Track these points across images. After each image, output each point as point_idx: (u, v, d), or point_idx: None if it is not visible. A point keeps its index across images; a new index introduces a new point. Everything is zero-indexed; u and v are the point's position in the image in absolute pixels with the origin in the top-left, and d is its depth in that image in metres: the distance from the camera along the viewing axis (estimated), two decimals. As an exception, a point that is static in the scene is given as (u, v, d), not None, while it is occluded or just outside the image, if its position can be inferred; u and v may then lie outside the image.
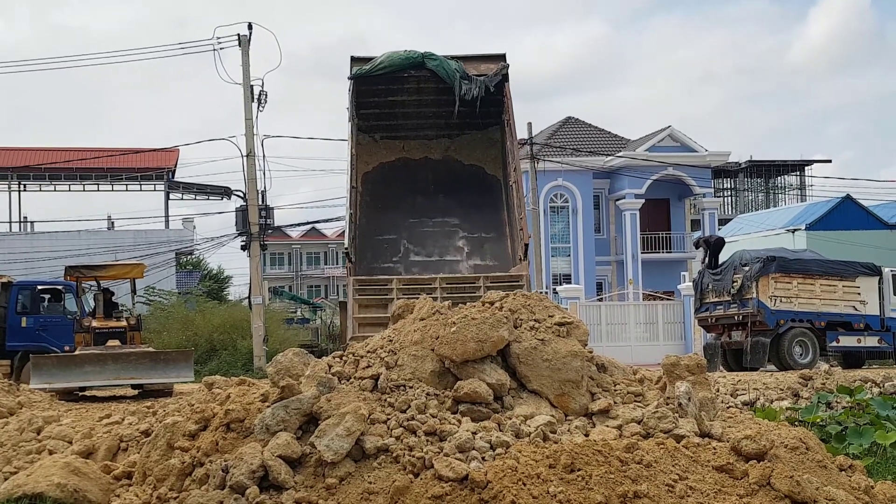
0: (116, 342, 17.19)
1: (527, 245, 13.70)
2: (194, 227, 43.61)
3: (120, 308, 19.91)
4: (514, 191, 14.66)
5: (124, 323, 18.36)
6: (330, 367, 8.52)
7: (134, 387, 16.73)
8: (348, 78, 15.54)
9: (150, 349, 17.85)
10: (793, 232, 44.66)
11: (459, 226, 15.32)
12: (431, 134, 15.97)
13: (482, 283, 12.90)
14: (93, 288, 24.05)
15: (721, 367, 22.83)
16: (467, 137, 15.88)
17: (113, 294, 23.09)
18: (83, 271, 18.42)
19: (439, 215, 15.36)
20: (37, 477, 8.08)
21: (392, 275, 14.31)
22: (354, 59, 15.66)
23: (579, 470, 6.56)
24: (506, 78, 15.43)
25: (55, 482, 7.86)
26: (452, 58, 15.49)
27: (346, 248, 14.19)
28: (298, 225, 58.48)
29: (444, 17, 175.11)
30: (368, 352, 8.61)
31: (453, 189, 15.66)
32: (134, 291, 19.07)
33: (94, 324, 17.66)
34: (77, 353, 16.23)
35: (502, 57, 15.89)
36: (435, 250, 15.07)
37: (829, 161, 74.30)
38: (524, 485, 6.38)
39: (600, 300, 38.00)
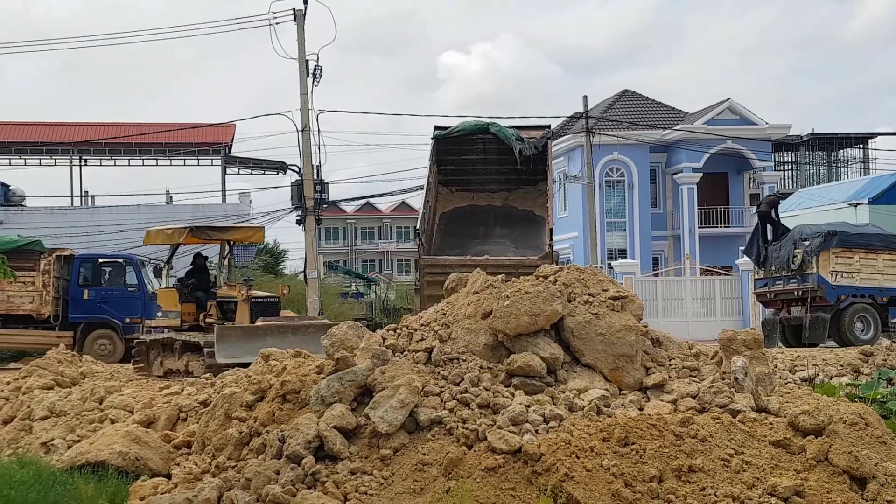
0: (291, 313, 16.92)
1: (551, 229, 17.42)
2: (250, 202, 43.87)
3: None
4: (547, 199, 18.65)
5: (278, 293, 18.23)
6: (384, 339, 8.58)
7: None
8: (431, 138, 19.77)
9: (327, 321, 17.56)
10: (855, 206, 43.73)
11: (511, 246, 18.56)
12: (495, 188, 19.84)
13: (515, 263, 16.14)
14: (152, 261, 24.43)
15: (780, 343, 22.51)
16: (522, 191, 19.74)
17: (172, 267, 23.36)
18: (209, 233, 18.38)
19: (496, 238, 19.02)
20: (99, 445, 8.27)
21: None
22: (437, 127, 20.04)
23: (633, 444, 6.53)
24: (549, 140, 19.85)
25: (117, 450, 8.04)
26: (510, 127, 20.01)
27: (418, 228, 17.74)
28: (353, 199, 58.58)
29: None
30: (422, 325, 8.65)
31: (508, 224, 19.37)
32: (231, 256, 18.86)
33: (252, 293, 17.15)
34: (259, 324, 15.59)
35: (547, 126, 20.84)
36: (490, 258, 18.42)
37: (895, 133, 72.32)
38: (577, 458, 6.38)
39: (656, 275, 37.65)
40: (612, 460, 6.36)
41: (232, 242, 18.70)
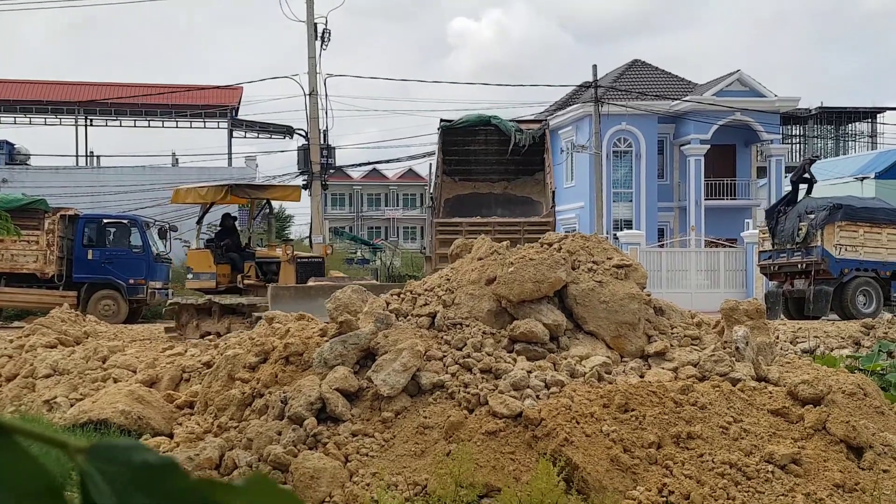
0: (340, 273, 17.06)
1: (554, 191, 19.07)
2: (256, 166, 43.80)
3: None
4: (546, 166, 20.28)
5: (322, 253, 18.75)
6: (388, 304, 8.61)
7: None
8: (437, 129, 21.34)
9: (375, 282, 17.77)
10: (861, 180, 43.64)
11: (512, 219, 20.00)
12: (495, 178, 21.46)
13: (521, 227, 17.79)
14: (157, 223, 24.49)
15: (782, 316, 22.57)
16: (521, 180, 21.37)
17: (176, 230, 23.41)
18: (248, 191, 18.47)
19: (497, 215, 20.38)
20: (102, 404, 8.33)
21: None
22: (442, 119, 21.60)
23: (633, 410, 6.57)
24: (545, 131, 21.36)
25: (120, 409, 8.10)
26: (510, 120, 21.74)
27: (431, 192, 19.50)
28: (360, 165, 58.45)
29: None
30: (426, 290, 8.67)
31: (509, 206, 20.88)
32: (272, 215, 19.07)
33: (297, 254, 17.34)
34: (311, 284, 15.58)
35: (545, 120, 23.39)
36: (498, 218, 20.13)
37: (904, 108, 71.43)
38: (577, 423, 6.42)
39: (661, 246, 37.64)
40: (611, 426, 6.40)
41: (270, 202, 18.88)
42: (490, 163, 21.53)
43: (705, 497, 5.81)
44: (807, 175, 23.73)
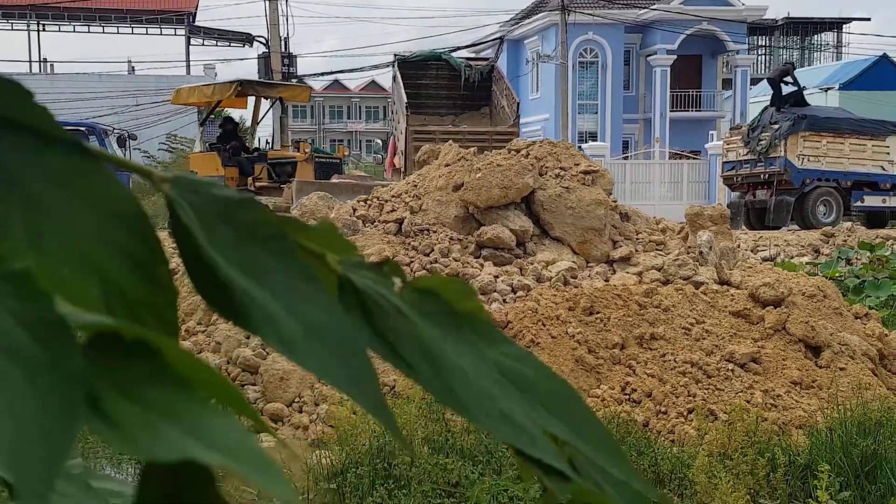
0: (360, 172, 17.21)
1: (518, 104, 20.53)
2: (216, 75, 42.92)
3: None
4: (502, 88, 21.85)
5: (340, 154, 20.34)
6: (354, 210, 8.60)
7: None
8: (392, 63, 23.08)
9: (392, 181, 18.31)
10: (826, 91, 43.79)
11: None
12: (444, 112, 22.55)
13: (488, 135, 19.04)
14: (116, 130, 24.14)
15: (744, 226, 22.81)
16: (467, 114, 22.44)
17: (135, 138, 23.10)
18: (258, 89, 18.25)
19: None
20: (69, 309, 8.32)
21: None
22: (396, 55, 23.34)
23: (598, 312, 6.67)
24: (493, 66, 22.95)
25: (87, 314, 8.10)
26: (459, 57, 23.32)
27: (406, 101, 20.54)
28: (321, 75, 57.53)
29: None
30: (393, 196, 8.66)
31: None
32: (284, 114, 18.95)
33: (313, 156, 17.73)
34: (335, 181, 15.59)
35: (493, 57, 25.66)
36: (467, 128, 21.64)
37: (868, 19, 71.61)
38: (544, 325, 6.51)
39: (626, 158, 37.71)
40: (576, 328, 6.50)
41: (283, 100, 18.82)
42: (440, 97, 22.81)
43: (667, 394, 5.95)
44: (788, 80, 23.57)
